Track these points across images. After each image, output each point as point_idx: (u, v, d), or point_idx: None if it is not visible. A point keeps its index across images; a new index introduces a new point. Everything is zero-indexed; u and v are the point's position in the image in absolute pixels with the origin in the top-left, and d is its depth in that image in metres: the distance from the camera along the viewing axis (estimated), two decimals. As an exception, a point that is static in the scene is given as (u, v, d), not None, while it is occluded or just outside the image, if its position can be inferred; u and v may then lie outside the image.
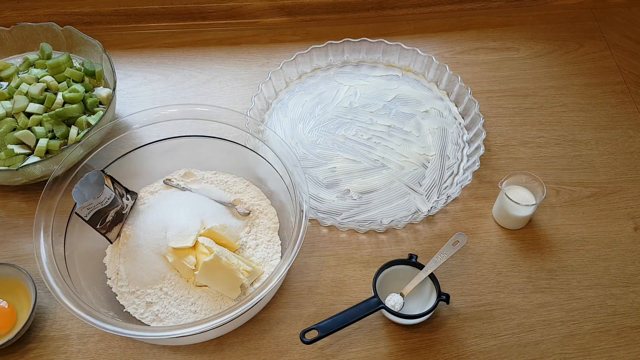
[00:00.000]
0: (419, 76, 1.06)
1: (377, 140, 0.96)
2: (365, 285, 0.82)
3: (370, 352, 0.77)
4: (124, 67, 1.06)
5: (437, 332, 0.78)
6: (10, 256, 0.84)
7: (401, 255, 0.85)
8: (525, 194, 0.86)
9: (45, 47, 0.96)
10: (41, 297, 0.80)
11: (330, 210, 0.89)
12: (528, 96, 1.04)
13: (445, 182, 0.92)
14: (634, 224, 0.89)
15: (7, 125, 0.87)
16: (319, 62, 1.06)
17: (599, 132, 1.00)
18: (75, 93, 0.90)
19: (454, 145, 0.96)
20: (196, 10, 1.12)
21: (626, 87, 1.06)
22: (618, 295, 0.82)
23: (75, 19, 1.10)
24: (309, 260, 0.85)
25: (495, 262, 0.85)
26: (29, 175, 0.85)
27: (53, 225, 0.72)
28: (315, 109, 1.01)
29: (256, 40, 1.12)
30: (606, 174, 0.94)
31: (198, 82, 1.05)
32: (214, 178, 0.88)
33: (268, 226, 0.84)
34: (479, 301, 0.81)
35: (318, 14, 1.15)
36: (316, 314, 0.80)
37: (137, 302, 0.77)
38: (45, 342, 0.77)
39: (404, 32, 1.13)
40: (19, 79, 0.92)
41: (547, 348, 0.77)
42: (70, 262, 0.73)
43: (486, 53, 1.10)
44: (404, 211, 0.89)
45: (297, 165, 0.77)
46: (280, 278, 0.68)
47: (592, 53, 1.11)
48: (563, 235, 0.88)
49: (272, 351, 0.76)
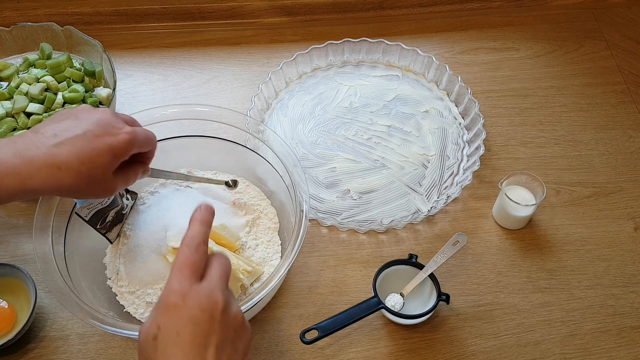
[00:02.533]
0: (419, 76, 1.06)
1: (377, 140, 0.96)
2: (365, 285, 0.82)
3: (370, 352, 0.77)
4: (124, 67, 1.06)
5: (437, 332, 0.78)
6: (10, 256, 0.84)
7: (401, 255, 0.85)
8: (525, 194, 0.86)
9: (45, 47, 0.96)
10: (41, 297, 0.80)
11: (330, 210, 0.89)
12: (528, 96, 1.04)
13: (445, 182, 0.92)
14: (634, 224, 0.89)
15: (7, 125, 0.87)
16: (319, 62, 1.06)
17: (599, 132, 1.00)
18: (75, 93, 0.90)
19: (454, 145, 0.96)
20: (196, 10, 1.12)
21: (626, 87, 1.06)
22: (618, 295, 0.82)
23: (75, 19, 1.10)
24: (309, 260, 0.85)
25: (495, 262, 0.85)
26: (29, 175, 0.84)
27: (53, 225, 0.72)
28: (315, 109, 1.01)
29: (256, 40, 1.12)
30: (606, 174, 0.94)
31: (198, 82, 1.05)
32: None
33: (268, 226, 0.84)
34: (479, 301, 0.81)
35: (318, 14, 1.15)
36: (316, 314, 0.80)
37: (137, 302, 0.76)
38: (45, 342, 0.77)
39: (404, 32, 1.13)
40: (19, 79, 0.92)
41: (547, 348, 0.77)
42: (70, 262, 0.73)
43: (486, 53, 1.10)
44: (404, 211, 0.89)
45: (297, 165, 0.77)
46: (280, 278, 0.68)
47: (592, 53, 1.11)
48: (563, 235, 0.88)
49: (272, 351, 0.76)
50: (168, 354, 0.51)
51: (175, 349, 0.51)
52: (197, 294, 0.52)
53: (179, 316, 0.51)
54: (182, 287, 0.52)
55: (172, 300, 0.51)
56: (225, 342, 0.53)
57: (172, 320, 0.51)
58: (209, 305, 0.52)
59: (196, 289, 0.52)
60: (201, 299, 0.52)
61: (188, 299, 0.51)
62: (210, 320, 0.52)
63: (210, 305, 0.52)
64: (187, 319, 0.51)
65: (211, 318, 0.52)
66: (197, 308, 0.51)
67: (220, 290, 0.53)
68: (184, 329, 0.51)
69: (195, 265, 0.53)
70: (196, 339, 0.51)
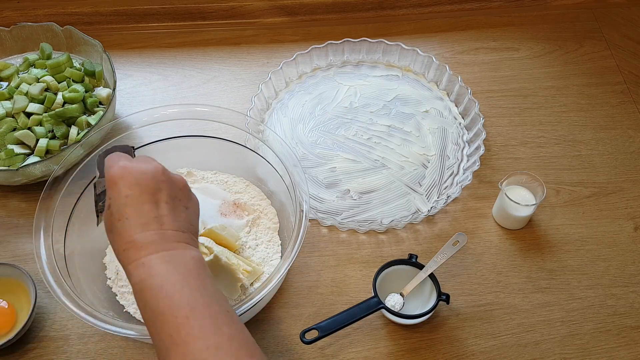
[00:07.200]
0: (419, 76, 1.06)
1: (377, 140, 0.96)
2: (365, 285, 0.82)
3: (370, 352, 0.77)
4: (124, 67, 1.06)
5: (437, 332, 0.78)
6: (10, 256, 0.84)
7: (401, 255, 0.85)
8: (525, 194, 0.86)
9: (45, 47, 0.96)
10: (41, 297, 0.80)
11: (330, 210, 0.89)
12: (528, 96, 1.04)
13: (445, 182, 0.92)
14: (634, 224, 0.89)
15: (7, 125, 0.87)
16: (319, 62, 1.06)
17: (599, 132, 1.00)
18: (75, 93, 0.90)
19: (454, 145, 0.96)
20: (196, 10, 1.12)
21: (626, 87, 1.06)
22: (618, 295, 0.82)
23: (75, 19, 1.10)
24: (309, 260, 0.85)
25: (495, 262, 0.85)
26: (29, 175, 0.85)
27: (53, 225, 0.72)
28: (315, 109, 1.01)
29: (256, 40, 1.12)
30: (606, 174, 0.94)
31: (198, 82, 1.05)
32: (214, 178, 0.88)
33: (268, 226, 0.84)
34: (479, 301, 0.81)
35: (318, 14, 1.15)
36: (316, 314, 0.80)
37: (137, 302, 0.76)
38: (45, 342, 0.77)
39: (404, 32, 1.13)
40: (19, 79, 0.92)
41: (547, 348, 0.77)
42: (70, 262, 0.73)
43: (486, 53, 1.10)
44: (404, 211, 0.89)
45: (297, 165, 0.77)
46: (280, 278, 0.68)
47: (592, 53, 1.11)
48: (563, 235, 0.88)
49: (272, 351, 0.76)
50: (122, 215, 0.54)
51: (127, 209, 0.55)
52: (136, 163, 0.57)
53: (124, 183, 0.55)
54: (121, 163, 0.57)
55: (115, 173, 0.56)
56: (175, 199, 0.57)
57: (119, 188, 0.55)
58: (149, 169, 0.57)
59: (134, 161, 0.58)
60: (140, 165, 0.57)
61: (128, 169, 0.56)
62: (153, 179, 0.56)
63: (150, 168, 0.57)
64: (131, 182, 0.55)
65: (154, 178, 0.56)
66: (138, 172, 0.56)
67: (154, 160, 0.59)
68: (130, 190, 0.55)
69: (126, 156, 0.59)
70: (144, 196, 0.55)
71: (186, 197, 0.59)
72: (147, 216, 0.54)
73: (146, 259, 0.53)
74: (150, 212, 0.55)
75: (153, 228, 0.54)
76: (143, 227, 0.54)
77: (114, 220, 0.55)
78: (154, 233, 0.54)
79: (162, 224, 0.55)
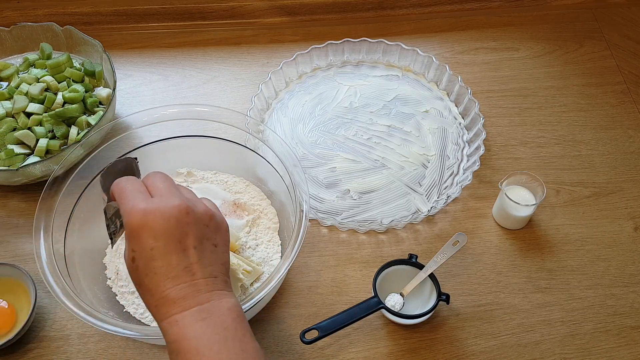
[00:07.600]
0: (419, 76, 1.06)
1: (377, 140, 0.96)
2: (365, 285, 0.82)
3: (370, 352, 0.77)
4: (124, 67, 1.06)
5: (437, 332, 0.78)
6: (10, 256, 0.84)
7: (401, 255, 0.85)
8: (525, 194, 0.86)
9: (45, 47, 0.96)
10: (41, 297, 0.80)
11: (330, 210, 0.89)
12: (528, 96, 1.04)
13: (445, 182, 0.92)
14: (634, 224, 0.89)
15: (7, 125, 0.87)
16: (319, 62, 1.06)
17: (599, 132, 1.00)
18: (75, 93, 0.90)
19: (454, 145, 0.96)
20: (196, 10, 1.12)
21: (626, 87, 1.06)
22: (618, 295, 0.82)
23: (75, 19, 1.10)
24: (309, 260, 0.85)
25: (495, 262, 0.85)
26: (29, 175, 0.85)
27: (53, 225, 0.72)
28: (315, 109, 1.01)
29: (256, 40, 1.12)
30: (606, 174, 0.94)
31: (198, 82, 1.05)
32: (214, 178, 0.88)
33: (268, 226, 0.84)
34: (479, 301, 0.81)
35: (318, 14, 1.15)
36: (316, 314, 0.80)
37: (137, 302, 0.76)
38: (45, 342, 0.77)
39: (404, 32, 1.13)
40: (19, 79, 0.92)
41: (547, 348, 0.77)
42: (70, 262, 0.73)
43: (486, 53, 1.10)
44: (404, 211, 0.89)
45: (297, 165, 0.77)
46: (280, 278, 0.68)
47: (592, 53, 1.11)
48: (563, 235, 0.88)
49: (272, 351, 0.76)
50: (150, 270, 0.51)
51: (154, 263, 0.51)
52: (155, 206, 0.52)
53: (148, 233, 0.51)
54: (139, 207, 0.52)
55: (134, 222, 0.52)
56: (202, 240, 0.53)
57: (142, 240, 0.51)
58: (172, 213, 0.52)
59: (152, 203, 0.52)
60: (160, 209, 0.52)
61: (148, 215, 0.51)
62: (177, 225, 0.52)
63: (172, 211, 0.52)
64: (156, 232, 0.51)
65: (178, 223, 0.52)
66: (161, 218, 0.52)
67: (174, 196, 0.54)
68: (155, 241, 0.51)
69: (140, 187, 0.54)
70: (170, 245, 0.51)
71: (213, 231, 0.55)
72: (176, 268, 0.51)
73: (180, 315, 0.50)
74: (179, 264, 0.52)
75: (184, 280, 0.51)
76: (173, 281, 0.51)
77: (142, 276, 0.52)
78: (185, 286, 0.51)
79: (193, 274, 0.52)
